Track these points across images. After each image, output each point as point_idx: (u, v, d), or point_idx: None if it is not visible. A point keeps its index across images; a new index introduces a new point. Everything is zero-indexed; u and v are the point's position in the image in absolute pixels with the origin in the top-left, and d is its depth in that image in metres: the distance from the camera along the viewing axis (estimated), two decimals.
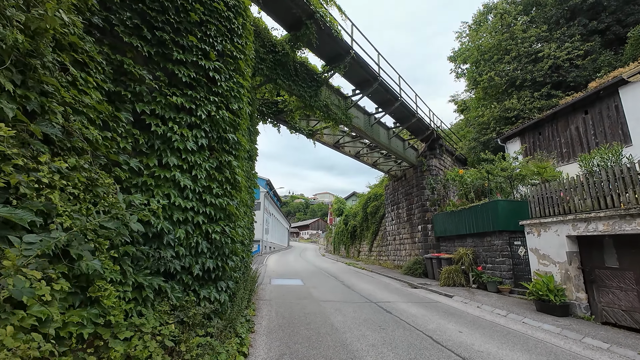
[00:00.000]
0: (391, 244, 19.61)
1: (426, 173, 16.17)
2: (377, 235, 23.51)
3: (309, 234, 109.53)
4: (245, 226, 7.63)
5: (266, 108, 10.95)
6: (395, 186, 19.53)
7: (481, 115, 18.60)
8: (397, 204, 19.03)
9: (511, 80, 17.91)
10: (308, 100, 9.89)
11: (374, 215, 24.03)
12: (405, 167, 18.28)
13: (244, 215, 7.27)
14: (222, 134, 4.98)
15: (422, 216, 15.80)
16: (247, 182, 8.19)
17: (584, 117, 13.36)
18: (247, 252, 8.72)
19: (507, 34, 18.35)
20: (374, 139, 13.60)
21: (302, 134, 12.69)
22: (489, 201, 11.22)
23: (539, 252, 8.47)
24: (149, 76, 4.22)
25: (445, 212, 14.09)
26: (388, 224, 20.33)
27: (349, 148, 15.65)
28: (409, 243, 16.98)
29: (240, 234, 5.76)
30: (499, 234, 10.97)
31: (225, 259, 4.74)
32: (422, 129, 15.63)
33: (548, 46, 16.71)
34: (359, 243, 27.88)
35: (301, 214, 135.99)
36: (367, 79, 11.37)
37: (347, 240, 31.24)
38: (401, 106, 13.13)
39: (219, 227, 4.62)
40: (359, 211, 28.03)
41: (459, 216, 12.97)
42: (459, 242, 13.30)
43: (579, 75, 16.69)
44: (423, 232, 15.62)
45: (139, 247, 3.68)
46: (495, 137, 17.57)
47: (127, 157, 3.80)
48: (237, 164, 5.22)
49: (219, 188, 4.80)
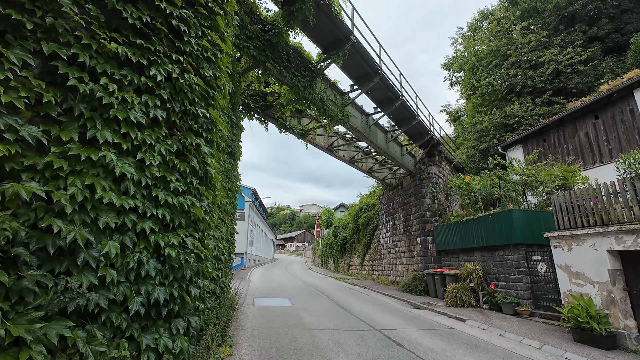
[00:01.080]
0: (386, 258, 18.21)
1: (425, 181, 15.00)
2: (370, 248, 22.10)
3: (295, 247, 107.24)
4: (223, 237, 6.10)
5: (253, 101, 9.55)
6: (390, 196, 18.29)
7: (480, 122, 17.74)
8: (392, 215, 17.75)
9: (511, 85, 17.20)
10: (301, 92, 8.55)
11: (366, 226, 22.67)
12: (402, 175, 17.10)
13: (221, 224, 5.75)
14: (189, 107, 3.54)
15: (421, 228, 14.54)
16: (227, 182, 6.71)
17: (594, 122, 12.54)
18: (226, 269, 7.15)
19: (505, 39, 17.75)
20: (371, 141, 12.35)
21: (293, 134, 11.32)
22: (502, 211, 10.04)
23: (571, 269, 7.25)
24: (72, 7, 2.75)
25: (448, 224, 12.86)
26: (382, 236, 18.98)
27: (343, 152, 14.36)
28: (407, 257, 15.63)
29: (212, 248, 4.25)
30: (513, 248, 9.75)
31: (185, 286, 3.23)
32: (421, 133, 14.53)
33: (549, 51, 16.11)
34: (349, 256, 26.37)
35: (287, 225, 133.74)
36: (367, 73, 10.17)
37: (336, 253, 29.68)
38: (402, 106, 11.99)
39: (177, 239, 3.13)
40: (349, 222, 26.63)
41: (465, 228, 11.75)
42: (465, 256, 12.04)
43: (580, 81, 16.10)
44: (423, 245, 14.33)
45: (26, 271, 2.16)
46: (496, 145, 16.66)
47: (16, 119, 2.30)
48: (208, 151, 3.77)
49: (180, 182, 3.33)
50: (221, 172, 5.75)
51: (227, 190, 6.76)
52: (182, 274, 3.16)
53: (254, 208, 37.44)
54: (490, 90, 17.85)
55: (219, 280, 5.82)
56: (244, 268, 29.07)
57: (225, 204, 6.16)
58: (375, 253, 20.74)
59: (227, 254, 7.06)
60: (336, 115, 10.03)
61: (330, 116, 9.87)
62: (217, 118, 4.00)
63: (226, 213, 6.65)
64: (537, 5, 18.07)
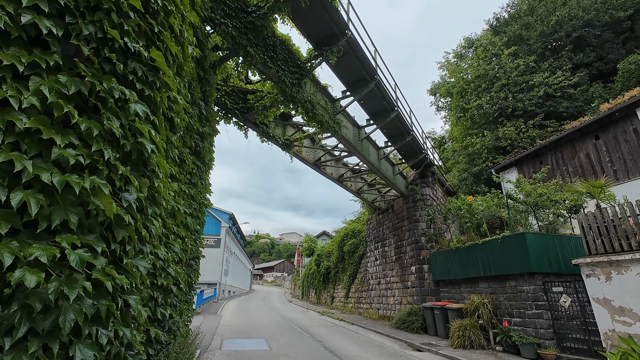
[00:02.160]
0: (375, 289, 16.51)
1: (420, 203, 13.82)
2: (356, 279, 20.33)
3: (274, 277, 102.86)
4: (177, 259, 4.45)
5: (231, 101, 8.19)
6: (379, 220, 16.94)
7: (471, 145, 17.11)
8: (382, 241, 16.32)
9: (501, 108, 16.84)
10: (289, 89, 7.31)
11: (352, 254, 21.02)
12: (392, 197, 15.92)
13: (174, 240, 4.14)
14: (110, 33, 2.13)
15: (416, 255, 13.13)
16: (190, 188, 5.16)
17: (595, 142, 11.97)
18: (183, 304, 5.39)
19: (494, 62, 17.67)
20: (363, 156, 11.16)
21: (277, 144, 9.96)
22: (513, 234, 8.85)
23: (612, 303, 5.98)
24: None
25: (447, 250, 11.54)
26: (370, 265, 17.38)
27: (331, 169, 13.07)
28: (400, 288, 14.04)
29: (145, 273, 2.68)
30: (528, 278, 8.47)
31: (59, 347, 1.63)
32: (415, 152, 13.54)
33: (539, 75, 15.99)
34: (332, 287, 24.35)
35: (266, 254, 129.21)
36: (361, 78, 9.15)
37: (318, 283, 27.55)
38: (397, 119, 11.00)
39: (49, 252, 1.58)
40: (333, 250, 24.88)
41: (468, 254, 10.46)
42: (468, 287, 10.64)
43: (570, 106, 15.92)
44: (418, 274, 12.85)
45: None
46: (489, 167, 15.91)
47: None
48: (143, 112, 2.32)
49: (78, 150, 1.86)
50: (178, 165, 4.24)
51: (189, 198, 5.20)
52: (53, 321, 1.58)
53: (231, 234, 35.02)
54: (480, 113, 17.44)
55: (167, 321, 4.10)
56: (217, 300, 26.32)
57: (183, 214, 4.58)
58: (363, 283, 18.98)
59: (186, 284, 5.34)
60: (327, 122, 8.80)
61: (320, 122, 8.62)
62: (165, 68, 2.59)
63: (186, 228, 5.04)
64: (522, 33, 18.32)
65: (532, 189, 9.23)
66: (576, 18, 16.52)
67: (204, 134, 5.94)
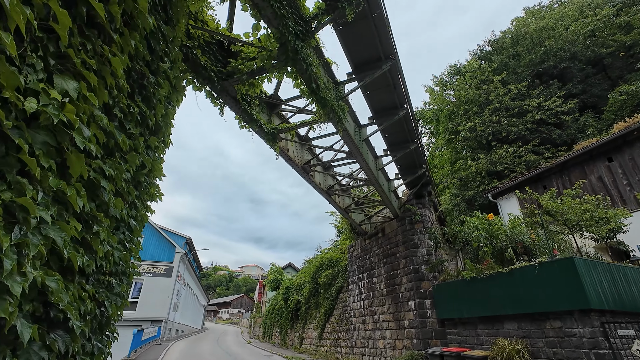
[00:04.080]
0: (358, 329, 13.87)
1: (418, 226, 11.92)
2: (332, 316, 17.52)
3: (230, 313, 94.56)
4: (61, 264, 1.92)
5: (207, 59, 5.93)
6: (366, 246, 14.74)
7: (464, 168, 15.93)
8: (369, 271, 14.01)
9: (495, 132, 16.04)
10: (292, 40, 5.26)
11: (329, 287, 18.34)
12: (382, 220, 13.94)
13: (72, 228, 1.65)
14: None
15: (415, 287, 10.96)
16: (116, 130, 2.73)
17: (609, 165, 11.03)
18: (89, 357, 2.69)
19: (484, 87, 17.20)
20: (364, 159, 9.17)
21: (260, 134, 7.70)
22: (556, 259, 7.06)
23: None
24: None
25: (458, 281, 9.52)
26: (353, 300, 14.84)
27: (319, 178, 10.88)
28: (393, 328, 11.61)
29: None
30: (581, 317, 6.58)
31: None
32: (414, 165, 11.87)
33: (534, 100, 15.57)
34: (302, 326, 21.13)
35: (223, 288, 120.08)
36: (374, 58, 7.43)
37: (285, 321, 24.10)
38: (403, 120, 9.31)
39: None
40: (305, 282, 21.98)
41: (489, 286, 8.48)
42: (488, 328, 8.54)
43: (563, 133, 15.46)
44: (418, 311, 10.60)
45: None
46: (485, 192, 14.63)
47: None
48: None
49: None
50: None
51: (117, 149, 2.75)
52: None
53: (187, 262, 30.69)
54: (472, 136, 16.54)
55: None
56: (160, 342, 21.81)
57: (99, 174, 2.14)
58: (341, 322, 16.23)
59: (90, 321, 2.69)
60: (330, 104, 6.78)
61: (323, 102, 6.58)
62: None
63: (103, 210, 2.55)
64: (510, 62, 18.29)
65: (569, 203, 7.63)
66: (563, 50, 16.71)
67: (156, 70, 3.59)
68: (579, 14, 19.30)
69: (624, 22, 17.29)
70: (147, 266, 26.32)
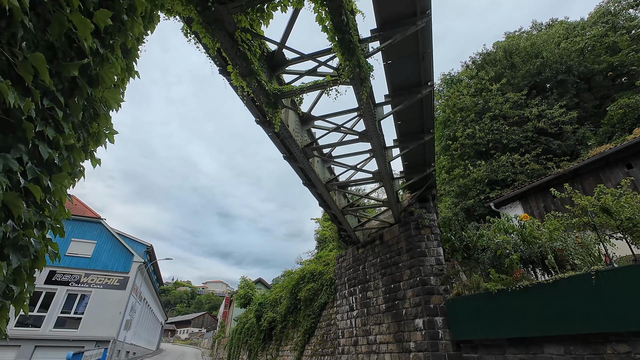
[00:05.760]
0: (348, 352, 11.94)
1: (426, 231, 10.46)
2: (313, 336, 15.43)
3: (190, 333, 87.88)
4: None
5: None
6: (359, 256, 13.05)
7: (463, 175, 14.93)
8: (363, 284, 12.26)
9: (494, 139, 15.29)
10: None
11: (310, 303, 16.30)
12: (378, 226, 12.40)
13: None
14: None
15: (423, 302, 9.35)
16: None
17: (628, 171, 10.29)
18: None
19: (483, 95, 16.62)
20: (379, 142, 7.64)
21: (259, 96, 5.97)
22: (623, 267, 5.77)
23: None
24: None
25: (480, 295, 8.03)
26: (342, 317, 12.94)
27: (319, 168, 9.19)
28: (394, 351, 9.85)
29: None
30: None
31: None
32: (422, 164, 10.52)
33: (536, 108, 15.06)
34: (276, 348, 18.71)
35: (183, 305, 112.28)
36: (407, 13, 6.04)
37: (255, 342, 21.49)
38: (424, 102, 7.97)
39: None
40: (282, 298, 19.73)
41: (522, 301, 7.05)
42: (521, 352, 7.06)
43: (563, 144, 14.97)
44: (428, 330, 8.95)
45: None
46: (487, 201, 13.60)
47: None
48: None
49: None
50: None
51: None
52: None
53: (145, 274, 27.22)
54: (470, 143, 15.71)
55: None
56: None
57: None
58: (324, 343, 14.19)
59: None
60: (358, 55, 5.24)
61: (350, 48, 5.03)
62: None
63: None
64: (505, 72, 17.98)
65: (630, 203, 6.49)
66: (559, 63, 16.60)
67: None
68: (566, 34, 19.59)
69: (611, 43, 17.59)
70: (97, 276, 22.88)
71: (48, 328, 20.29)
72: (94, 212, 25.21)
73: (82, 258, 22.90)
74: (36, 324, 20.36)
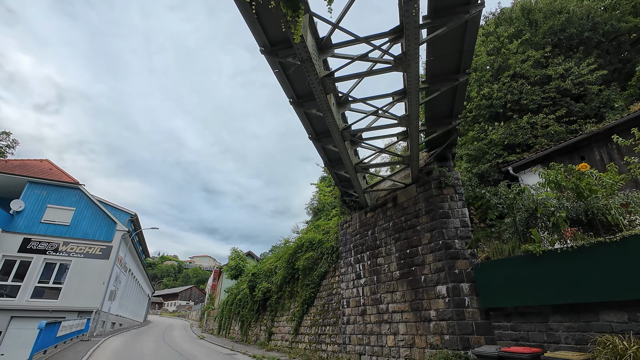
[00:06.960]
0: (355, 322, 11.09)
1: (449, 191, 9.36)
2: (313, 306, 14.58)
3: (177, 306, 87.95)
4: None
5: None
6: (367, 221, 11.96)
7: (478, 138, 13.80)
8: (372, 250, 11.24)
9: (513, 99, 14.09)
10: None
11: (309, 272, 15.34)
12: (389, 189, 11.25)
13: None
14: None
15: (446, 267, 8.37)
16: None
17: None
18: None
19: (503, 50, 15.25)
20: (416, 68, 6.27)
21: None
22: None
23: None
24: None
25: (515, 258, 7.05)
26: (347, 286, 12.01)
27: (335, 106, 7.79)
28: (410, 321, 8.96)
29: None
30: None
31: None
32: (449, 115, 9.26)
33: (563, 66, 13.85)
34: (270, 319, 17.92)
35: (170, 279, 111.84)
36: None
37: (248, 313, 20.70)
38: (470, 26, 6.57)
39: None
40: (278, 268, 18.76)
41: (574, 263, 6.08)
42: (569, 319, 6.16)
43: (586, 107, 13.91)
44: (452, 298, 8.02)
45: None
46: (506, 164, 12.57)
47: None
48: None
49: None
50: None
51: None
52: None
53: (130, 244, 25.76)
54: (487, 104, 14.50)
55: None
56: (88, 338, 17.29)
57: None
58: (325, 314, 13.34)
59: None
60: None
61: None
62: None
63: None
64: (525, 29, 16.55)
65: None
66: (586, 18, 15.28)
67: None
68: None
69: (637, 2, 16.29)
70: (77, 245, 21.32)
71: (25, 298, 18.87)
72: (71, 177, 23.24)
73: (60, 225, 21.22)
74: (11, 295, 18.91)
